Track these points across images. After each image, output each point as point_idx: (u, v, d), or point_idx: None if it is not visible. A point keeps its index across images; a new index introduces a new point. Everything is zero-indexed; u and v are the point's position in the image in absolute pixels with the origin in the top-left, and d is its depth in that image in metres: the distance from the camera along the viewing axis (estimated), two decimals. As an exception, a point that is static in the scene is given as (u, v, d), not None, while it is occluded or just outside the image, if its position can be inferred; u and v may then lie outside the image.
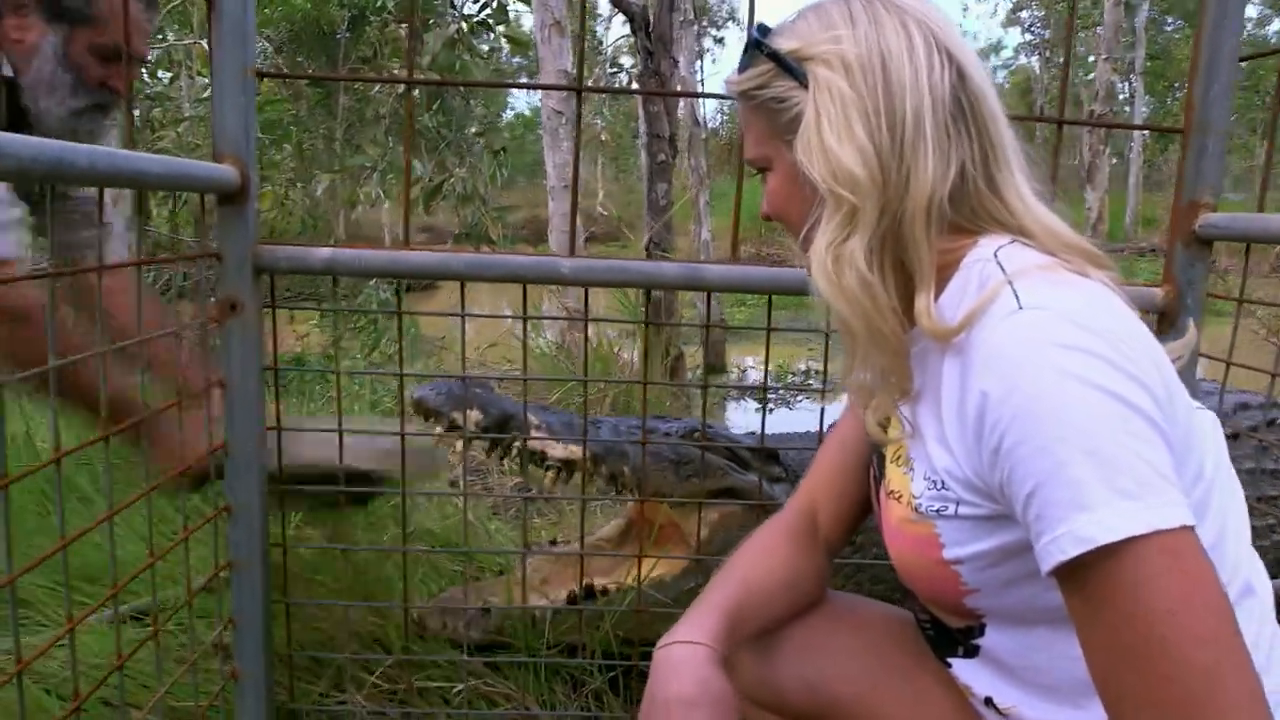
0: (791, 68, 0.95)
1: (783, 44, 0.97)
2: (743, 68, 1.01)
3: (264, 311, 1.52)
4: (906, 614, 1.17)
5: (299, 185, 6.69)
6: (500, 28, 5.16)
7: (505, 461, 1.85)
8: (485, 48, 5.25)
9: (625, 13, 5.11)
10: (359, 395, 3.94)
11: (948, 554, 0.92)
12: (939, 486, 0.92)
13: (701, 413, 2.33)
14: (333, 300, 2.21)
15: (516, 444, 1.78)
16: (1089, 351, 0.78)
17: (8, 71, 1.67)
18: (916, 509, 0.94)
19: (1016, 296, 0.85)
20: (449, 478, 2.91)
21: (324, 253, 1.48)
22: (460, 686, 1.71)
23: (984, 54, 28.10)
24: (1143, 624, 0.73)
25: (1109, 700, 0.77)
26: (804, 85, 0.94)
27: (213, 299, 1.47)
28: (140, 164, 1.24)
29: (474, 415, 1.75)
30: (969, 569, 0.92)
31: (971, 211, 0.96)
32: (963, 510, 0.90)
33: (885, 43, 0.92)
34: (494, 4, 4.92)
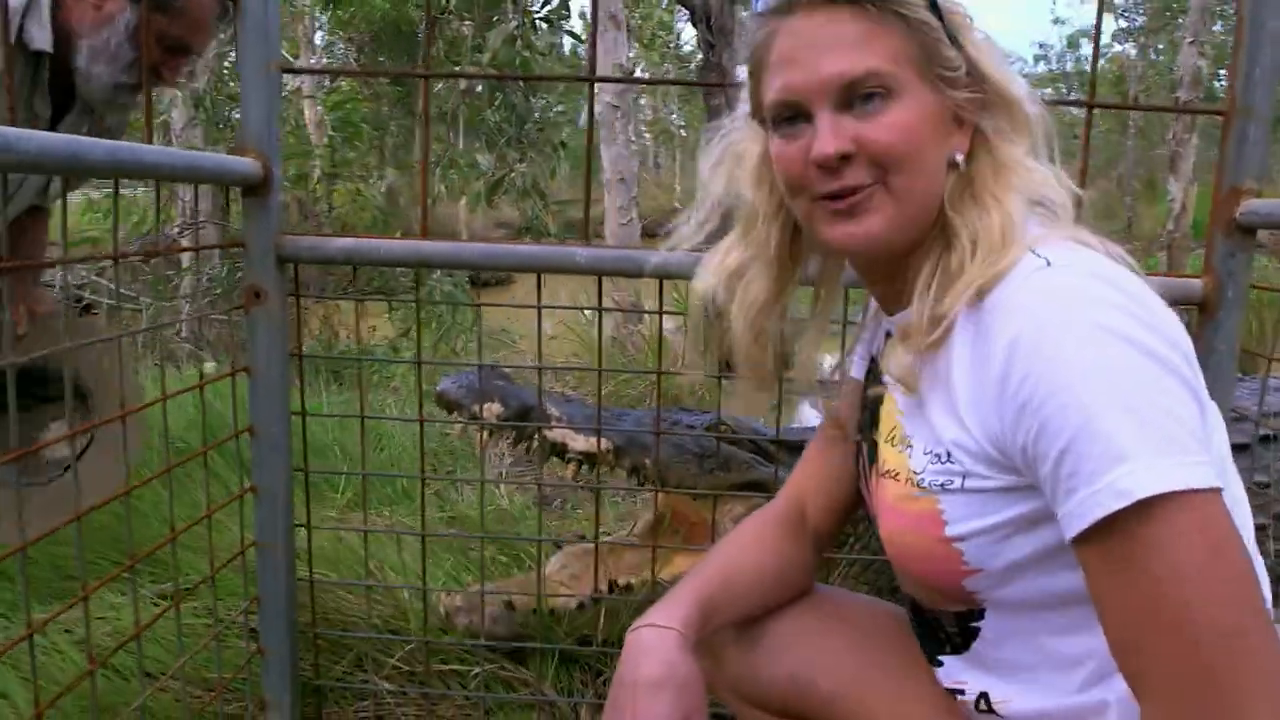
0: (941, 9, 0.91)
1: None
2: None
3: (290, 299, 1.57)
4: (899, 610, 1.15)
5: (369, 181, 6.89)
6: (563, 23, 5.22)
7: (529, 453, 1.87)
8: (545, 43, 5.30)
9: (685, 5, 5.10)
10: (401, 383, 3.99)
11: (950, 530, 0.90)
12: (944, 459, 0.90)
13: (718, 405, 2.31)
14: (354, 288, 2.27)
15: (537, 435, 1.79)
16: (1123, 309, 0.78)
17: (41, 45, 1.76)
18: (919, 484, 0.92)
19: (1041, 256, 0.85)
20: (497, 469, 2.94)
21: (343, 242, 1.52)
22: (478, 670, 1.73)
23: (1074, 41, 27.17)
24: (1170, 585, 0.73)
25: (1130, 672, 0.76)
26: (948, 30, 0.91)
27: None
28: (163, 157, 1.30)
29: (494, 407, 1.77)
30: (972, 546, 0.89)
31: None
32: (969, 483, 0.88)
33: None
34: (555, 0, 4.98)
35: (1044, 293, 0.81)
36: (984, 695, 0.98)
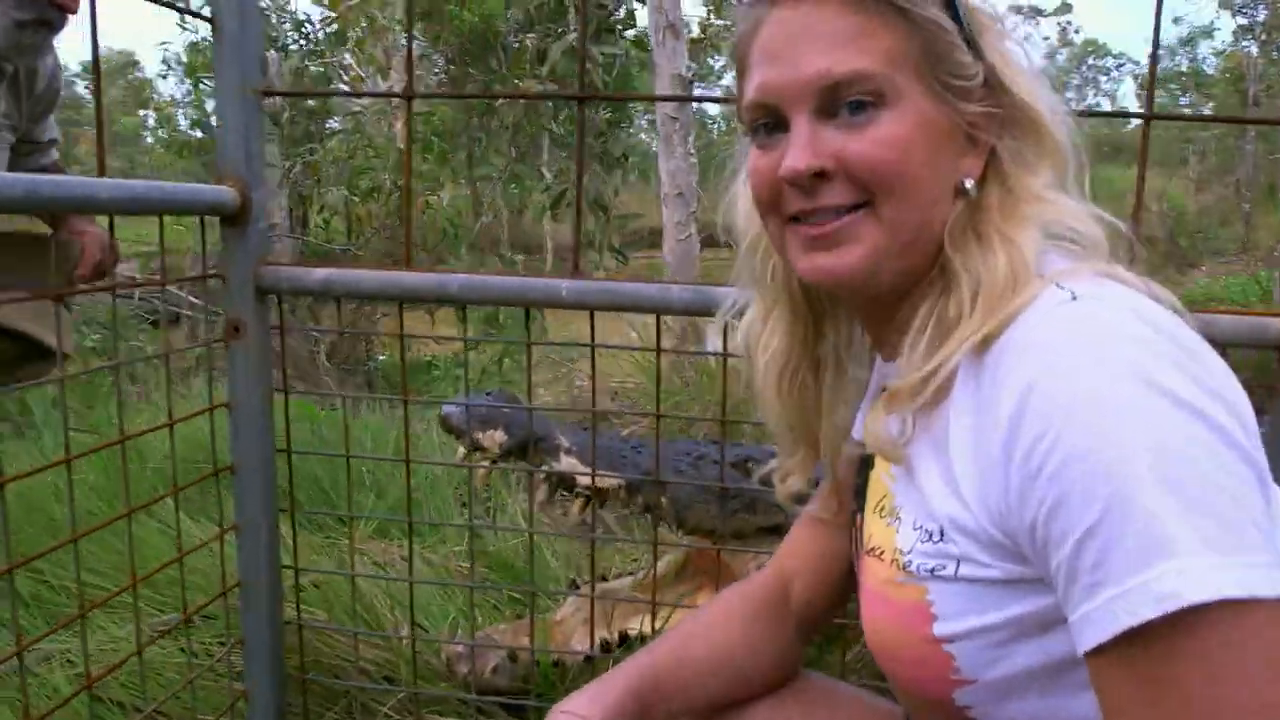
0: (960, 11, 0.77)
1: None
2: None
3: (274, 332, 1.51)
4: (897, 708, 1.00)
5: (436, 195, 6.95)
6: (627, 34, 5.13)
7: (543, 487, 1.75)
8: (608, 55, 5.22)
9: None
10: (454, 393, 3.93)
11: (940, 628, 0.74)
12: (936, 538, 0.74)
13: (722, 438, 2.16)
14: (338, 320, 2.20)
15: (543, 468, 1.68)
16: (1169, 357, 0.63)
17: None
18: (905, 567, 0.76)
19: (1066, 289, 0.70)
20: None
21: (321, 273, 1.44)
22: (471, 724, 1.64)
23: (1190, 41, 25.81)
24: (1215, 715, 0.57)
25: None
26: (965, 34, 0.77)
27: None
28: (141, 191, 1.26)
29: (497, 435, 1.66)
30: (966, 650, 0.73)
31: None
32: (965, 570, 0.72)
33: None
34: (621, 11, 4.88)
35: (1068, 329, 0.66)
36: None
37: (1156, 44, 1.36)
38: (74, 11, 1.75)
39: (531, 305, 1.43)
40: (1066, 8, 35.20)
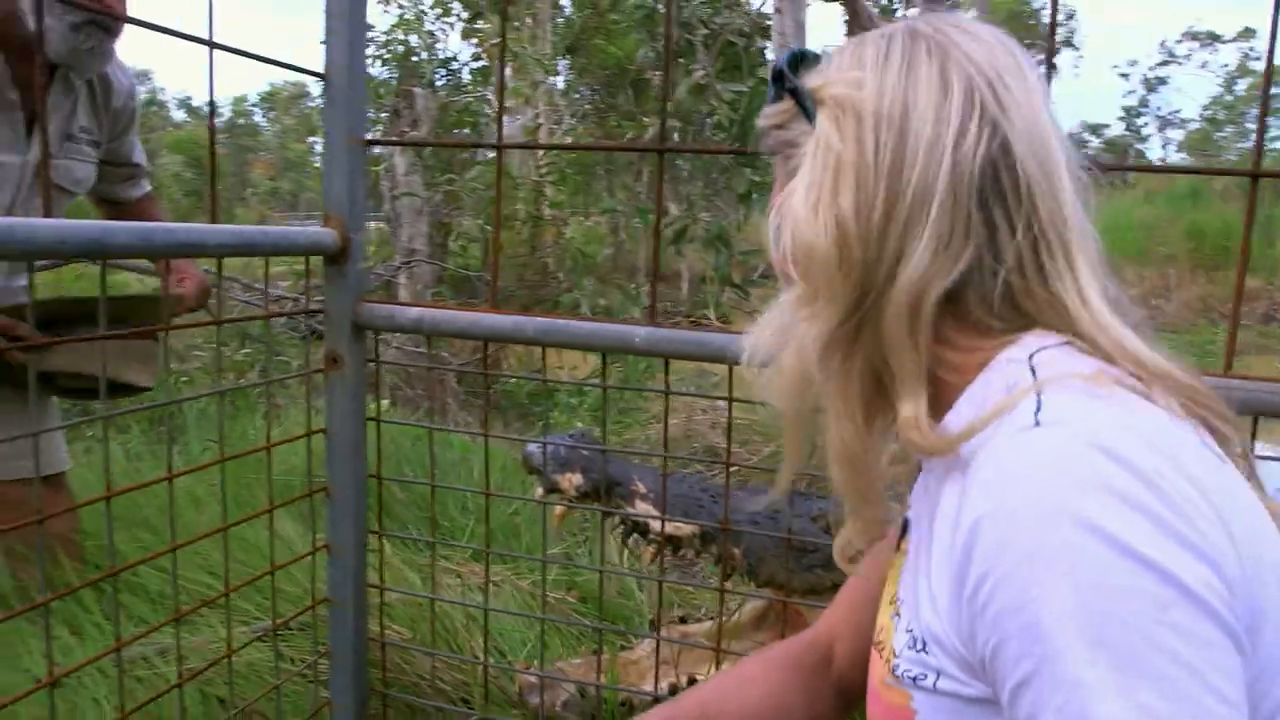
0: (807, 109, 0.78)
1: (809, 80, 0.79)
2: (769, 100, 0.84)
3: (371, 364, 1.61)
4: None
5: (569, 225, 7.17)
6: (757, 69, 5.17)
7: (615, 528, 1.79)
8: (732, 92, 5.27)
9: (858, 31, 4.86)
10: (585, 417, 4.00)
11: None
12: (919, 647, 0.72)
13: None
14: (430, 355, 2.29)
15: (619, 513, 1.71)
16: (1122, 496, 0.57)
17: None
18: (893, 670, 0.75)
19: (1038, 408, 0.65)
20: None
21: (413, 312, 1.53)
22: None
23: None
24: None
25: None
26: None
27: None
28: (247, 235, 1.37)
29: (574, 478, 1.71)
30: None
31: (1012, 308, 0.75)
32: (942, 685, 0.70)
33: (913, 94, 0.73)
34: (751, 48, 4.92)
35: (1021, 463, 0.62)
36: None
37: (1267, 92, 1.28)
38: (118, 12, 1.86)
39: (606, 350, 1.47)
40: (1249, 33, 32.98)
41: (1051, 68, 1.31)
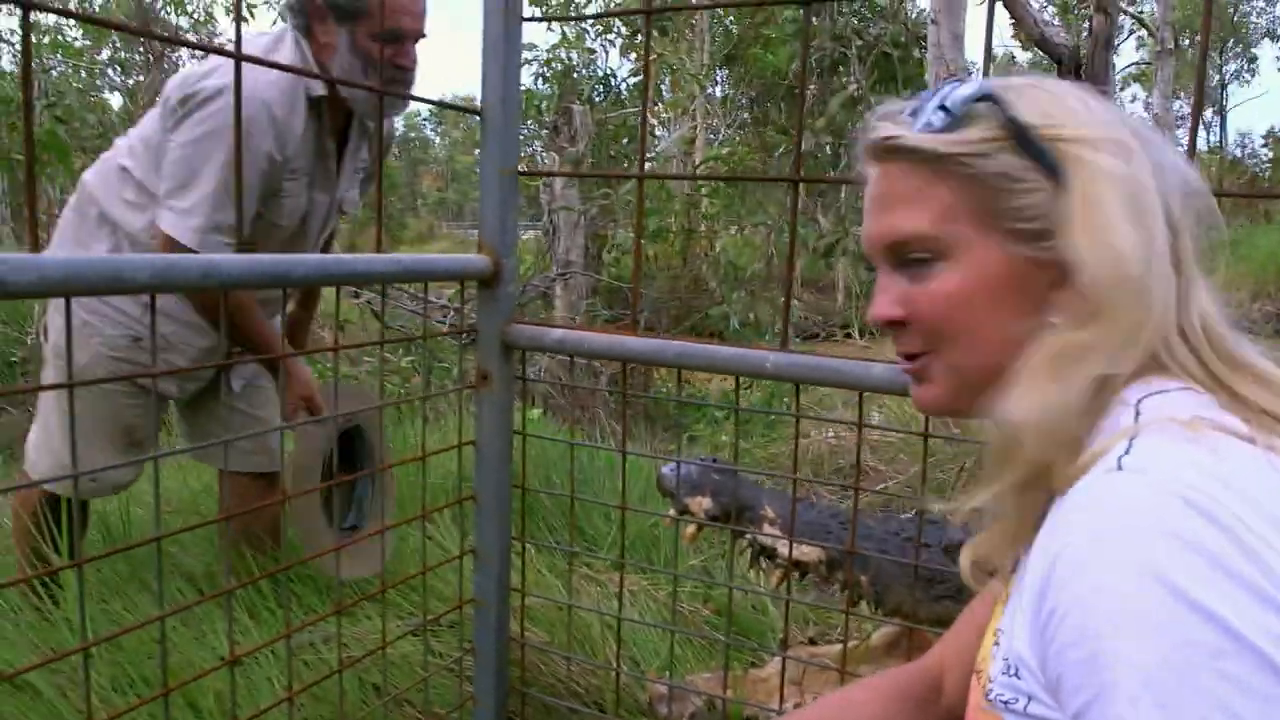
0: (1038, 145, 0.76)
1: (1019, 114, 0.78)
2: (944, 125, 0.79)
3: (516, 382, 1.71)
4: None
5: (723, 236, 7.23)
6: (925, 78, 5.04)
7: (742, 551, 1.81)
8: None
9: (1051, 55, 4.67)
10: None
11: None
12: (1012, 672, 0.74)
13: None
14: (569, 376, 2.36)
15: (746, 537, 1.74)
16: (1191, 544, 0.59)
17: (318, 91, 2.06)
18: (987, 695, 0.77)
19: (1126, 452, 0.67)
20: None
21: (557, 333, 1.62)
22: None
23: None
24: None
25: None
26: (1046, 168, 0.76)
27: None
28: (408, 264, 1.51)
29: (703, 502, 1.74)
30: None
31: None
32: (1033, 709, 0.71)
33: (1130, 138, 0.77)
34: (908, 59, 4.82)
35: (1099, 510, 0.64)
36: None
37: None
38: (411, 68, 2.08)
39: (738, 374, 1.50)
40: None
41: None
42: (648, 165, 7.92)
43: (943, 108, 0.80)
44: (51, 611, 2.07)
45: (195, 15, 12.52)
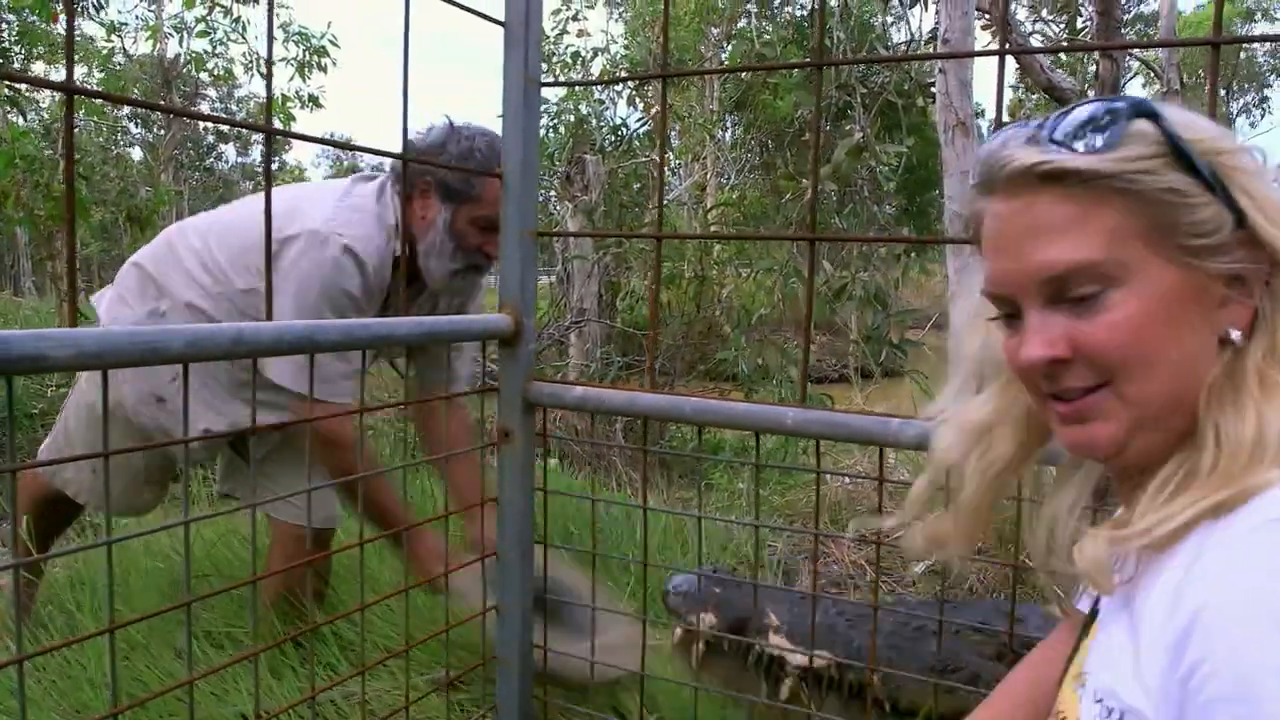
0: (1198, 160, 0.74)
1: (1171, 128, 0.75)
2: (1105, 144, 0.74)
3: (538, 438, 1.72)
4: None
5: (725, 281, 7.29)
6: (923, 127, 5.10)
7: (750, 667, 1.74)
8: (894, 153, 5.21)
9: (1058, 100, 4.72)
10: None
11: None
12: (1114, 715, 0.73)
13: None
14: (588, 424, 2.38)
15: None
16: None
17: (396, 253, 2.13)
18: None
19: None
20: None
21: (578, 391, 1.64)
22: None
23: None
24: None
25: None
26: (1205, 180, 0.74)
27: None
28: (429, 325, 1.54)
29: (707, 618, 1.71)
30: None
31: None
32: None
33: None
34: (912, 107, 4.88)
35: (1262, 560, 0.64)
36: None
37: None
38: (494, 258, 2.12)
39: (758, 430, 1.52)
40: None
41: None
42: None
43: (1097, 127, 0.75)
44: (76, 671, 2.08)
45: (215, 71, 12.77)
